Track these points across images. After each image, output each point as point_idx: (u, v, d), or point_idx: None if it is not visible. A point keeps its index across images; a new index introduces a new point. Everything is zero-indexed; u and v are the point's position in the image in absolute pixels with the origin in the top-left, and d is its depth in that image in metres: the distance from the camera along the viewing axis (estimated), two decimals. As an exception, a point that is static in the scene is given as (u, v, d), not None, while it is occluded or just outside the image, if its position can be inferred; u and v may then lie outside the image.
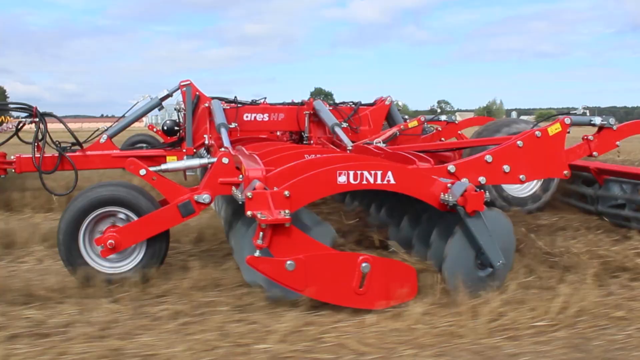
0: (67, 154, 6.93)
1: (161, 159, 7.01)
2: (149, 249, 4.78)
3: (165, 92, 7.50)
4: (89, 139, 7.39)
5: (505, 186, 7.29)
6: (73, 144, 7.19)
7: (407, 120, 8.12)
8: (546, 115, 5.70)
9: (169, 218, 4.70)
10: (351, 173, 4.25)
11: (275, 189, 4.08)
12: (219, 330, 3.83)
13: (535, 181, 7.37)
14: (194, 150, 7.11)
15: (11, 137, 7.15)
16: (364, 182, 4.29)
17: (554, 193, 7.48)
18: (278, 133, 8.61)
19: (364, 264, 4.06)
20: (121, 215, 4.80)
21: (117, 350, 3.56)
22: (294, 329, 3.83)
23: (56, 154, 6.92)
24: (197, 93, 7.41)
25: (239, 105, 7.56)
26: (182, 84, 7.31)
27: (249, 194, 3.97)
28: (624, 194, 6.43)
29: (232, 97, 7.70)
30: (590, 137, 5.51)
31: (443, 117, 8.85)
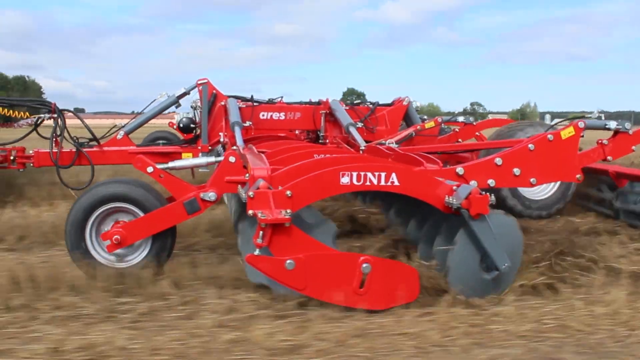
0: (84, 150, 7.01)
1: (177, 156, 7.04)
2: (155, 244, 4.82)
3: (183, 90, 7.54)
4: (106, 135, 7.46)
5: (521, 189, 7.22)
6: (90, 140, 7.26)
7: (425, 121, 8.07)
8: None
9: (174, 215, 4.73)
10: (354, 174, 4.23)
11: (280, 188, 4.08)
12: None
13: (552, 184, 7.27)
14: (209, 147, 7.14)
15: (30, 132, 7.25)
16: (368, 183, 4.26)
17: (573, 195, 7.37)
18: (297, 132, 8.60)
19: (364, 265, 4.04)
20: (129, 212, 4.85)
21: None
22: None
23: (74, 149, 7.00)
24: (214, 91, 7.45)
25: (255, 104, 7.58)
26: (199, 82, 7.35)
27: (250, 193, 3.97)
28: None
29: (258, 97, 7.78)
30: (605, 142, 5.41)
31: (461, 119, 8.77)
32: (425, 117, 9.04)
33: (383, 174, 4.26)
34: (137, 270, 4.70)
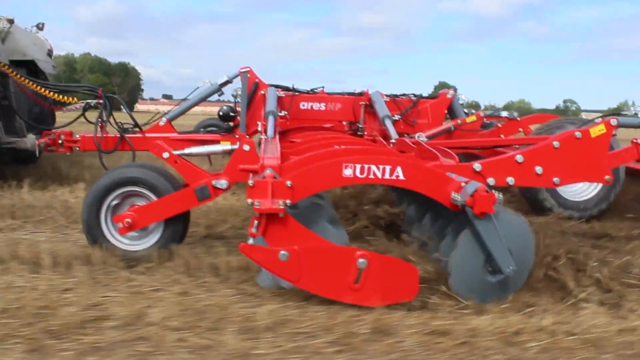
0: (127, 135, 7.19)
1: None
2: (167, 229, 4.90)
3: (225, 78, 7.61)
4: (150, 121, 7.63)
5: (561, 190, 6.96)
6: (134, 126, 7.44)
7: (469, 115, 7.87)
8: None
9: (185, 201, 4.80)
10: (357, 166, 4.15)
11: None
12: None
13: (594, 185, 6.97)
14: (247, 136, 7.19)
15: (78, 117, 7.49)
16: (371, 176, 4.18)
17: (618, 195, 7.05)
18: (344, 123, 8.55)
19: (360, 260, 3.96)
20: (144, 196, 4.95)
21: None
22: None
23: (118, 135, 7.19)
24: (256, 80, 7.49)
25: (295, 93, 7.57)
26: (241, 70, 7.41)
27: (250, 181, 3.97)
28: None
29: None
30: (640, 141, 5.12)
31: (504, 113, 8.52)
32: (473, 111, 8.77)
33: (388, 168, 4.16)
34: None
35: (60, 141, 7.68)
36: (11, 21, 8.99)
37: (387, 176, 4.18)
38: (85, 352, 3.34)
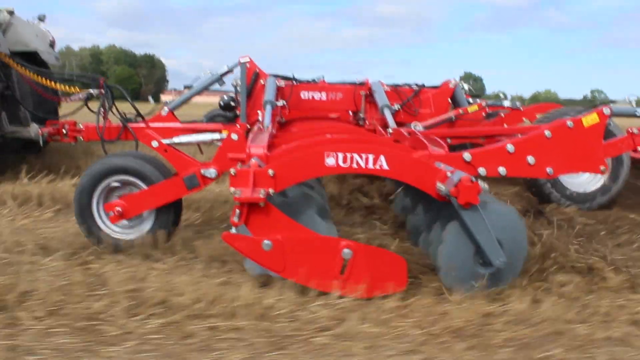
0: (130, 125, 7.21)
1: (218, 134, 7.13)
2: (159, 218, 4.92)
3: (226, 68, 7.59)
4: (153, 111, 7.64)
5: (565, 182, 6.89)
6: (137, 116, 7.45)
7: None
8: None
9: (174, 190, 4.83)
10: (340, 155, 4.12)
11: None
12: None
13: (600, 175, 6.89)
14: (248, 126, 7.17)
15: (80, 107, 7.53)
16: (355, 165, 4.15)
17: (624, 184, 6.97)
18: (350, 113, 8.50)
19: (345, 250, 3.96)
20: (134, 184, 4.98)
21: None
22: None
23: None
24: (256, 70, 7.46)
25: (294, 82, 7.54)
26: (241, 60, 7.38)
27: (232, 170, 3.96)
28: None
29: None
30: (635, 130, 5.02)
31: (506, 103, 8.40)
32: (478, 100, 8.65)
33: (371, 157, 4.13)
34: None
35: (64, 131, 7.73)
36: (11, 12, 9.06)
37: (370, 165, 4.15)
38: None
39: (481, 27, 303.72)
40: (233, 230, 3.93)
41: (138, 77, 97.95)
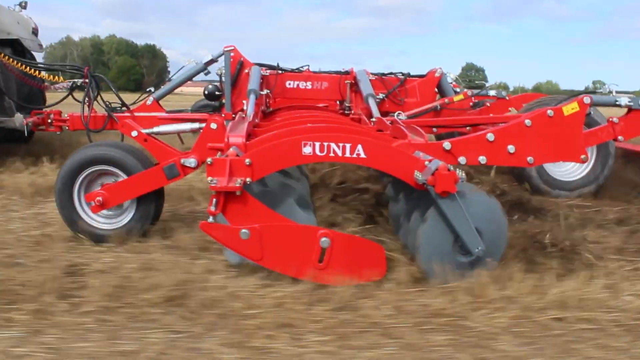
0: (115, 114, 7.18)
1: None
2: (140, 208, 4.91)
3: (210, 57, 7.56)
4: (137, 100, 7.61)
5: (549, 170, 6.90)
6: (122, 105, 7.42)
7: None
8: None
9: (154, 179, 4.82)
10: (317, 144, 4.12)
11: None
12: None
13: (585, 165, 6.91)
14: (233, 115, 7.16)
15: (65, 97, 7.49)
16: (332, 154, 4.15)
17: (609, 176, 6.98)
18: (338, 102, 8.48)
19: (323, 239, 3.96)
20: (115, 175, 4.96)
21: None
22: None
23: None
24: (241, 59, 7.43)
25: (279, 72, 7.52)
26: (225, 49, 7.36)
27: (209, 160, 3.95)
28: None
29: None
30: (615, 120, 5.02)
31: (492, 92, 8.40)
32: (466, 90, 8.64)
33: (348, 146, 4.12)
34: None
35: (49, 120, 7.70)
36: None
37: (347, 154, 4.14)
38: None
39: (480, 17, 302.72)
40: (210, 220, 3.91)
41: (140, 67, 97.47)
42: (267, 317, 3.57)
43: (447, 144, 4.57)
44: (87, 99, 7.02)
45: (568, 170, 7.09)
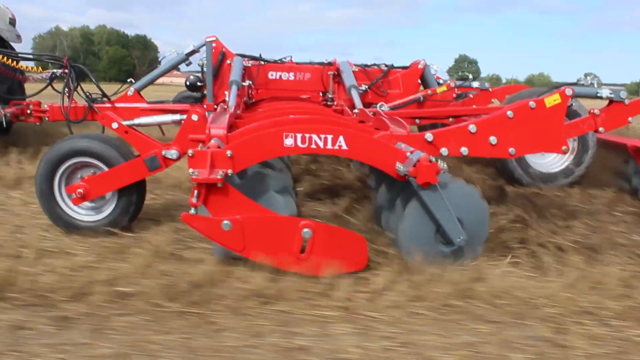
0: (95, 105, 7.11)
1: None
2: (121, 200, 4.87)
3: (192, 47, 7.51)
4: (118, 91, 7.55)
5: (532, 162, 6.94)
6: (103, 96, 7.36)
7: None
8: None
9: (135, 171, 4.78)
10: (299, 136, 4.10)
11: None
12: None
13: (566, 155, 6.95)
14: (215, 106, 7.12)
15: (45, 87, 7.41)
16: (313, 146, 4.13)
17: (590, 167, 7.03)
18: (320, 93, 8.47)
19: (305, 230, 3.96)
20: (96, 167, 4.91)
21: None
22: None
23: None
24: (223, 49, 7.39)
25: (262, 62, 7.49)
26: (207, 39, 7.31)
27: (190, 151, 3.92)
28: None
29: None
30: (597, 111, 5.05)
31: (475, 84, 8.43)
32: (449, 81, 8.66)
33: (330, 137, 4.11)
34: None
35: (28, 111, 7.63)
36: None
37: (329, 146, 4.13)
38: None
39: (468, 9, 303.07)
40: (192, 211, 3.89)
41: (131, 58, 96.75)
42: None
43: (429, 135, 4.56)
44: (66, 89, 6.97)
45: (549, 161, 7.13)
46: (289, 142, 4.10)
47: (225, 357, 3.13)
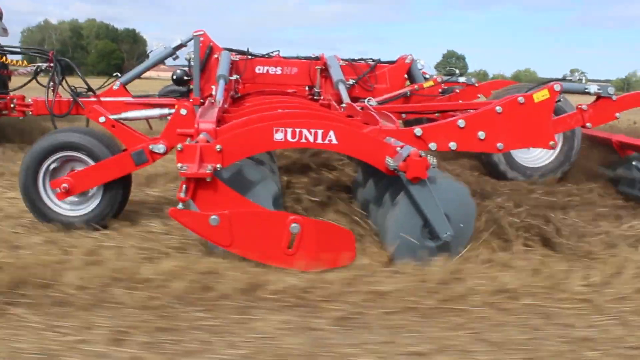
0: (80, 99, 7.05)
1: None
2: (106, 195, 4.83)
3: (180, 42, 7.47)
4: (104, 85, 7.49)
5: (517, 156, 6.97)
6: (88, 90, 7.29)
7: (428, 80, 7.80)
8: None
9: (122, 165, 4.73)
10: (289, 130, 4.09)
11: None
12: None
13: (552, 151, 6.99)
14: (201, 100, 7.08)
15: (29, 81, 7.34)
16: (303, 140, 4.12)
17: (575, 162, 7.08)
18: (306, 88, 8.45)
19: (293, 225, 3.93)
20: (82, 161, 4.86)
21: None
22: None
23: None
24: (210, 44, 7.36)
25: (249, 57, 7.45)
26: (195, 34, 7.26)
27: (179, 146, 3.89)
28: None
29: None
30: (584, 107, 5.07)
31: (462, 79, 8.46)
32: (435, 76, 8.68)
33: (320, 132, 4.10)
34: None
35: (12, 105, 7.54)
36: None
37: (319, 140, 4.12)
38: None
39: (454, 5, 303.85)
40: (180, 206, 3.86)
41: (121, 52, 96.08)
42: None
43: (418, 130, 4.56)
44: (52, 83, 6.89)
45: (535, 156, 7.17)
46: (279, 136, 4.08)
47: (524, 350, 3.19)
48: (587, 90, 5.05)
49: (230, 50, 7.40)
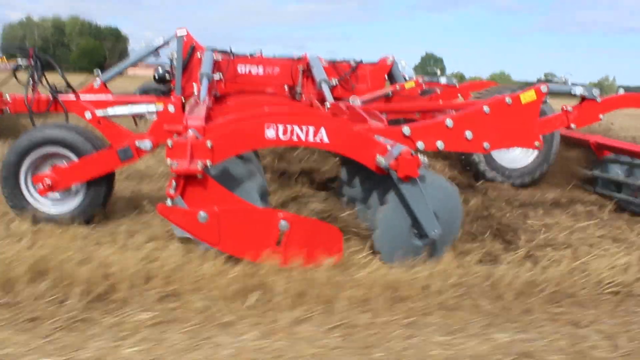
0: (60, 97, 6.95)
1: (153, 108, 6.97)
2: (90, 191, 4.76)
3: (162, 41, 7.43)
4: (84, 82, 7.41)
5: (497, 157, 7.04)
6: (68, 87, 7.19)
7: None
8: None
9: (107, 161, 4.67)
10: (280, 127, 4.07)
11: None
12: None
13: (532, 151, 7.07)
14: (183, 99, 7.03)
15: (8, 78, 7.21)
16: (295, 137, 4.11)
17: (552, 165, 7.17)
18: (286, 87, 8.43)
19: (282, 222, 3.91)
20: (65, 156, 4.79)
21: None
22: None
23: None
24: (193, 43, 7.32)
25: (232, 56, 7.42)
26: (178, 32, 7.22)
27: (169, 142, 3.85)
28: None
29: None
30: (569, 108, 5.14)
31: (443, 80, 8.53)
32: (414, 77, 8.75)
33: (311, 129, 4.09)
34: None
35: (-10, 102, 7.40)
36: None
37: (310, 138, 4.11)
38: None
39: (422, 6, 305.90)
40: (168, 202, 3.81)
41: (104, 50, 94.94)
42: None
43: (406, 129, 4.57)
44: (31, 80, 6.79)
45: (514, 159, 7.24)
46: (270, 133, 4.06)
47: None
48: (572, 92, 5.11)
49: (213, 49, 7.36)
